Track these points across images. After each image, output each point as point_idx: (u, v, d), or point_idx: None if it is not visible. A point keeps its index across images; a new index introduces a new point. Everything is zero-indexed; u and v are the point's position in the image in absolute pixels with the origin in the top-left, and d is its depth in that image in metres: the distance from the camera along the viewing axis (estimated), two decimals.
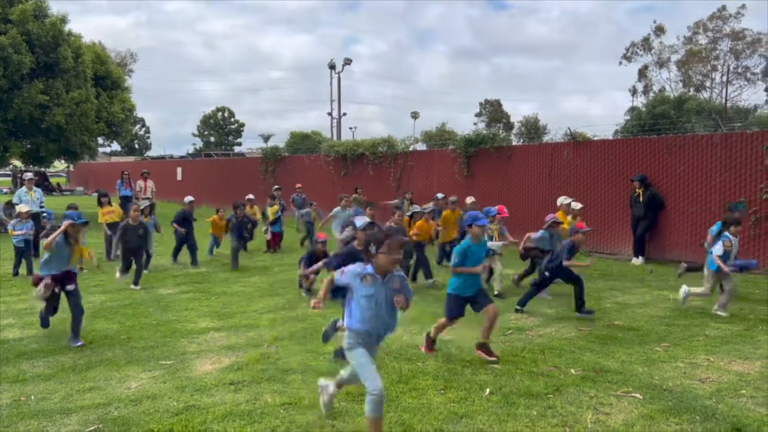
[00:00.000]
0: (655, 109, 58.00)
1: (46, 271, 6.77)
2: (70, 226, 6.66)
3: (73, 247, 6.79)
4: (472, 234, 6.38)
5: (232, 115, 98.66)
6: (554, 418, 4.80)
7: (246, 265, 12.72)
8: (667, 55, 76.90)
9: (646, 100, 67.42)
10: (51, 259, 6.74)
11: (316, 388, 5.05)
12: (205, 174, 31.07)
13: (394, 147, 19.65)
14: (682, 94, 64.72)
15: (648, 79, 78.16)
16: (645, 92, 77.41)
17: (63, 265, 6.80)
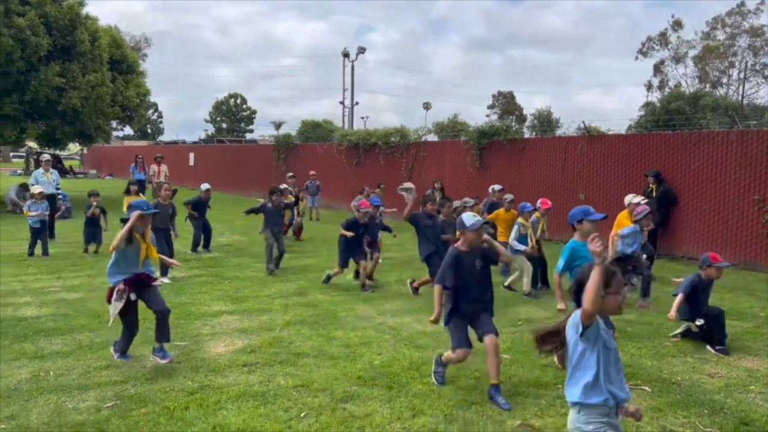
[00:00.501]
0: (669, 104, 57.46)
1: (115, 279, 5.56)
2: (138, 218, 5.44)
3: (140, 244, 5.56)
4: (581, 231, 5.42)
5: (244, 101, 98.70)
6: (563, 407, 4.84)
7: (257, 252, 12.82)
8: (684, 50, 76.07)
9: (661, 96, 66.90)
10: (118, 262, 5.54)
11: (330, 373, 5.14)
12: (217, 160, 31.21)
13: (406, 137, 19.65)
14: (698, 90, 64.00)
15: (664, 74, 77.45)
16: (660, 87, 76.71)
17: (133, 266, 5.57)
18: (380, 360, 5.92)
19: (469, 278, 5.10)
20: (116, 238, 5.32)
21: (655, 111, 59.09)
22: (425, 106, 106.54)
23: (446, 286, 5.12)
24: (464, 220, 5.12)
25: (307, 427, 4.41)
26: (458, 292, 5.10)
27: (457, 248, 5.20)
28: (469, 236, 5.12)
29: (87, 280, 9.41)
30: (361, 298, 8.66)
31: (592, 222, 5.34)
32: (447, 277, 5.11)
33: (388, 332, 6.95)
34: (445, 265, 5.16)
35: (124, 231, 5.33)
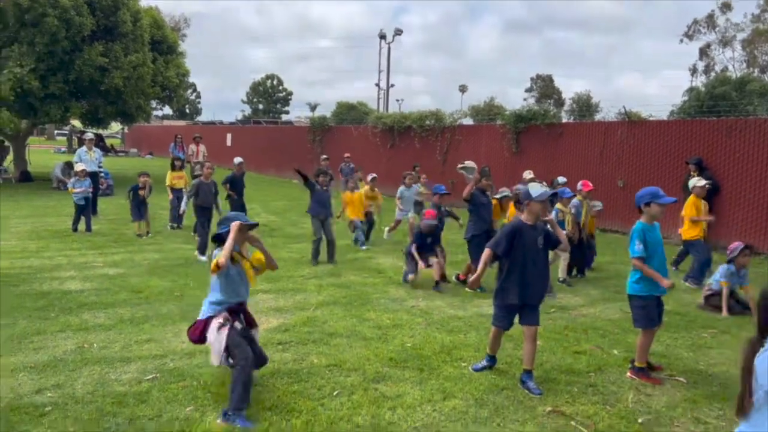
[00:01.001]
0: (715, 89, 55.73)
1: (212, 310, 4.52)
2: (239, 231, 4.39)
3: (243, 263, 4.61)
4: (648, 214, 5.16)
5: (280, 83, 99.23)
6: (595, 395, 4.84)
7: (291, 233, 12.99)
8: (732, 33, 73.56)
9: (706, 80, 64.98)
10: (222, 288, 4.48)
11: (362, 353, 5.20)
12: (253, 141, 31.55)
13: (441, 120, 19.54)
14: (746, 75, 62.00)
15: (710, 58, 75.04)
16: (706, 72, 74.42)
17: (241, 289, 4.60)
18: (412, 342, 5.97)
19: (527, 254, 4.89)
20: (220, 254, 4.26)
21: (699, 96, 57.51)
22: (461, 88, 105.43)
23: (498, 253, 4.95)
24: (530, 190, 4.90)
25: (339, 406, 4.49)
26: (511, 268, 4.93)
27: (520, 219, 5.02)
28: (535, 207, 4.89)
29: (128, 256, 9.69)
30: (394, 282, 8.72)
31: (661, 205, 5.10)
32: (502, 245, 4.90)
33: (420, 315, 6.99)
34: (503, 231, 4.97)
35: (229, 244, 4.26)
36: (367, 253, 10.90)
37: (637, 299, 5.09)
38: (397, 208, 12.15)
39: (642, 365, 5.19)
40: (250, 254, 4.78)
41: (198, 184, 9.98)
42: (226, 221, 4.57)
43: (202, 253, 9.76)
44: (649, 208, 5.10)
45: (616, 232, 14.30)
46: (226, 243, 4.31)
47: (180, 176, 12.62)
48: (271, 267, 4.85)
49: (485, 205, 8.33)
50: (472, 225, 8.32)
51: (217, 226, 4.65)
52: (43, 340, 5.68)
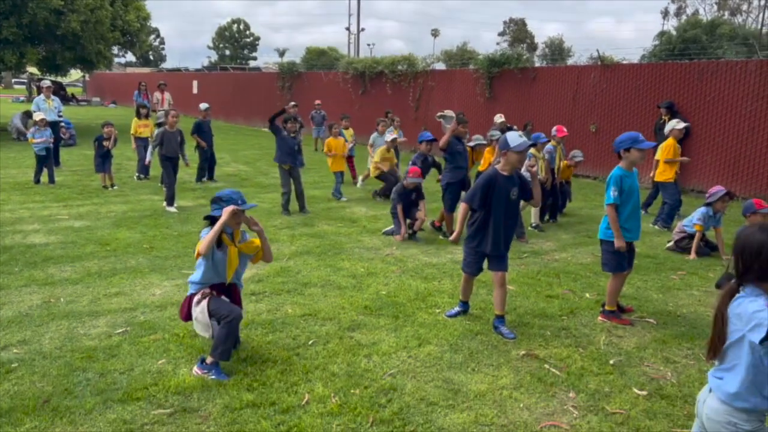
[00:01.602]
0: (686, 33, 55.80)
1: (194, 288, 4.35)
2: (232, 215, 4.09)
3: (229, 248, 4.24)
4: (628, 159, 5.04)
5: (247, 27, 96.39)
6: (567, 338, 4.90)
7: (262, 182, 12.77)
8: None
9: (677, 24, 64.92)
10: (204, 272, 4.25)
11: (336, 302, 5.16)
12: (221, 88, 30.69)
13: (414, 66, 19.18)
14: (716, 18, 62.11)
15: (681, 1, 74.99)
16: (677, 15, 74.45)
17: (220, 275, 4.31)
18: (386, 290, 5.96)
19: (499, 205, 4.82)
20: (203, 241, 4.03)
21: (670, 40, 57.44)
22: (433, 33, 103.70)
23: (473, 207, 4.88)
24: (508, 139, 4.73)
25: (314, 355, 4.47)
26: (484, 218, 4.87)
27: (496, 169, 4.90)
28: (513, 158, 4.76)
29: (94, 208, 9.42)
30: (368, 231, 8.66)
31: (641, 150, 4.97)
32: (477, 198, 4.82)
33: (394, 264, 6.97)
34: (478, 184, 4.86)
35: (213, 233, 4.00)
36: (340, 202, 10.78)
37: (608, 244, 5.11)
38: (370, 156, 11.97)
39: (612, 308, 5.26)
40: (248, 237, 4.47)
41: (162, 133, 9.60)
42: (219, 201, 4.23)
43: (170, 204, 9.54)
44: (629, 153, 5.00)
45: (587, 177, 14.40)
46: (214, 227, 4.03)
47: (146, 125, 12.22)
48: (266, 259, 4.55)
49: (461, 153, 8.24)
50: (448, 173, 8.23)
51: (211, 204, 4.35)
52: (7, 296, 5.52)
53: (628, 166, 5.07)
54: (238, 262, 4.34)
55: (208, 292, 4.28)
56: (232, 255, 4.28)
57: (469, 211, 4.96)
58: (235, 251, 4.30)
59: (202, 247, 4.04)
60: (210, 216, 4.27)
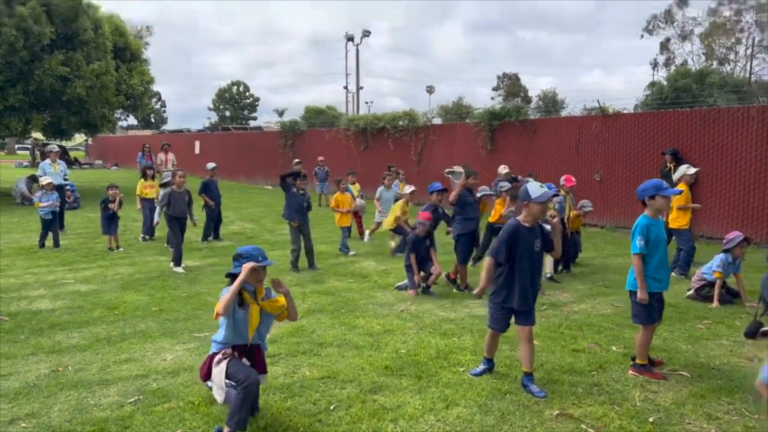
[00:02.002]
0: (676, 83, 56.88)
1: (216, 347, 4.16)
2: (251, 272, 3.99)
3: (251, 306, 4.09)
4: (653, 207, 5.00)
5: (247, 89, 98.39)
6: (601, 395, 4.68)
7: (269, 239, 12.66)
8: (690, 27, 75.54)
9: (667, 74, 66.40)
10: (225, 333, 4.11)
11: (355, 363, 4.96)
12: (223, 147, 31.01)
13: (415, 121, 19.39)
14: (705, 68, 63.51)
15: (670, 52, 76.67)
16: (667, 65, 76.09)
17: (242, 335, 4.12)
18: (406, 348, 5.75)
19: (524, 258, 4.70)
20: (222, 300, 3.89)
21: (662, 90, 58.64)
22: (429, 89, 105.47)
23: (500, 261, 4.74)
24: (529, 190, 4.65)
25: (337, 421, 4.24)
26: (510, 272, 4.73)
27: (518, 221, 4.79)
28: (535, 209, 4.66)
29: (100, 272, 9.27)
30: (380, 286, 8.49)
31: (666, 198, 4.91)
32: (502, 251, 4.69)
33: (410, 320, 6.78)
34: (502, 237, 4.74)
35: (232, 292, 3.87)
36: (348, 257, 10.65)
37: (637, 295, 4.95)
38: (377, 210, 11.92)
39: (643, 362, 5.06)
40: (273, 295, 4.28)
41: (170, 193, 9.54)
42: (239, 258, 4.09)
43: (177, 265, 9.39)
44: (654, 201, 4.92)
45: (594, 226, 14.31)
46: (232, 286, 3.89)
47: (152, 185, 12.19)
48: (292, 318, 4.38)
49: (472, 205, 8.16)
50: (459, 224, 8.13)
51: (233, 261, 4.21)
52: (14, 365, 5.31)
53: (653, 214, 4.96)
54: (259, 321, 4.18)
55: (230, 353, 4.10)
56: (254, 314, 4.12)
57: (494, 267, 4.80)
58: (256, 310, 4.13)
59: (221, 306, 3.89)
60: (231, 273, 4.13)
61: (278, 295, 4.32)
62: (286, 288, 4.25)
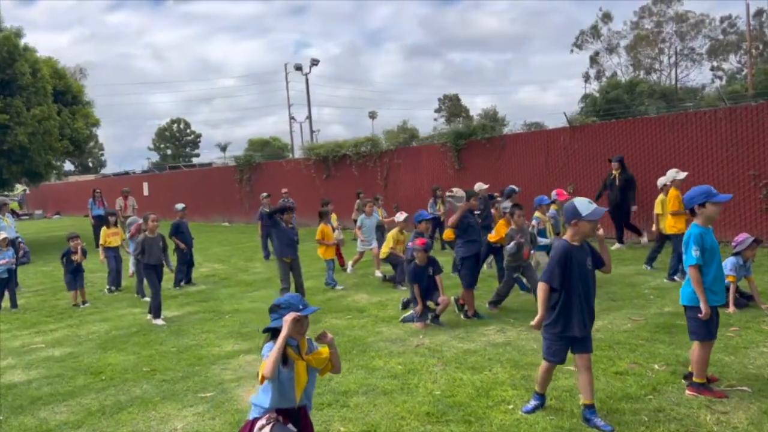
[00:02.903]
0: (608, 94, 59.01)
1: (257, 411, 3.61)
2: (294, 323, 3.46)
3: (296, 363, 3.56)
4: (704, 215, 4.71)
5: (188, 126, 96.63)
6: (670, 422, 4.33)
7: (245, 280, 12.00)
8: (616, 40, 79.05)
9: (599, 86, 68.88)
10: (272, 396, 3.53)
11: (391, 411, 4.47)
12: (174, 187, 29.90)
13: (378, 146, 19.09)
14: (633, 78, 66.23)
15: (600, 65, 79.85)
16: (598, 78, 79.02)
17: (288, 398, 3.57)
18: (440, 389, 5.29)
19: (579, 280, 4.35)
20: (266, 361, 3.36)
21: (595, 101, 60.67)
22: (371, 115, 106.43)
23: (555, 287, 4.36)
24: (578, 207, 4.31)
25: None
26: (568, 298, 4.36)
27: (567, 241, 4.43)
28: (585, 228, 4.33)
29: (71, 332, 8.44)
30: (382, 320, 8.01)
31: (717, 204, 4.64)
32: (556, 276, 4.32)
33: (430, 355, 6.32)
34: (553, 260, 4.36)
35: (277, 350, 3.35)
36: (337, 291, 10.13)
37: (695, 310, 4.66)
38: (359, 240, 11.46)
39: (702, 380, 4.76)
40: (316, 346, 3.75)
41: (144, 240, 8.79)
42: (277, 310, 3.58)
43: (156, 316, 8.65)
44: (704, 208, 4.65)
45: None
46: (276, 343, 3.36)
47: (115, 233, 11.35)
48: (335, 371, 3.85)
49: (473, 226, 7.82)
50: (461, 248, 7.77)
51: (269, 314, 3.67)
52: None
53: (704, 223, 4.70)
54: (307, 379, 3.66)
55: (274, 417, 3.55)
56: (300, 370, 3.58)
57: (550, 294, 4.41)
58: (303, 365, 3.60)
59: (267, 369, 3.35)
60: (270, 328, 3.61)
61: (321, 347, 3.82)
62: (330, 337, 3.75)
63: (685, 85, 72.47)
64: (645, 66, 78.31)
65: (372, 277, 11.18)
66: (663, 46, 77.46)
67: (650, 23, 77.44)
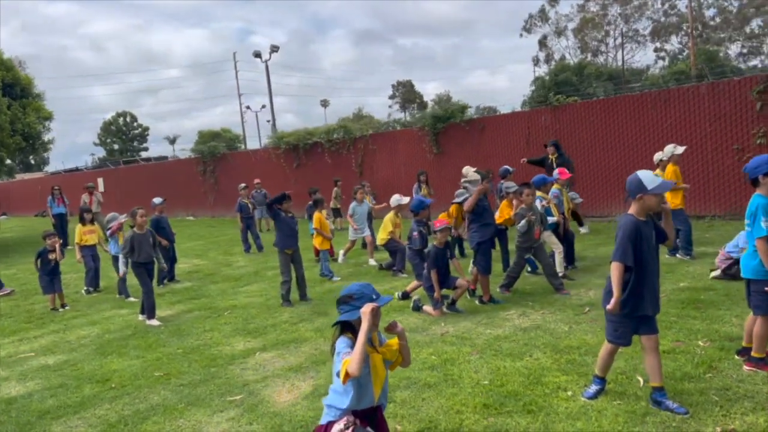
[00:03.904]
0: (557, 76, 60.00)
1: (333, 414, 3.29)
2: (374, 315, 3.16)
3: (372, 357, 3.24)
4: None
5: (134, 119, 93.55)
6: (744, 401, 4.19)
7: (232, 274, 11.51)
8: (563, 24, 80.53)
9: (549, 69, 69.96)
10: (352, 395, 3.23)
11: (444, 405, 4.20)
12: (131, 182, 28.75)
13: (351, 132, 18.68)
14: (581, 60, 67.48)
15: (548, 48, 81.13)
16: (547, 61, 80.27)
17: (369, 397, 3.29)
18: (487, 379, 5.04)
19: (649, 256, 4.14)
20: (351, 359, 3.01)
21: (545, 84, 61.66)
22: (323, 103, 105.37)
23: (629, 264, 4.10)
24: (644, 181, 4.10)
25: None
26: (639, 274, 4.14)
27: (634, 216, 4.19)
28: (651, 201, 4.13)
29: (58, 338, 7.85)
30: (393, 308, 7.73)
31: None
32: (629, 253, 4.08)
33: (459, 343, 6.07)
34: (624, 237, 4.11)
35: (361, 346, 3.02)
36: (335, 282, 9.79)
37: (761, 283, 4.54)
38: (351, 228, 11.11)
39: (762, 355, 4.66)
40: (384, 338, 3.46)
41: (132, 237, 8.21)
42: (350, 301, 3.27)
43: (150, 317, 8.14)
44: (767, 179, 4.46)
45: None
46: (359, 338, 3.05)
47: (91, 230, 10.66)
48: (405, 364, 3.54)
49: (487, 210, 7.60)
50: (476, 232, 7.53)
51: (338, 306, 3.34)
52: None
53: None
54: (386, 373, 3.36)
55: (352, 421, 3.25)
56: (378, 364, 3.29)
57: (624, 273, 4.18)
58: (379, 358, 3.31)
59: (355, 367, 3.01)
60: (342, 321, 3.29)
61: (389, 338, 3.53)
62: (401, 327, 3.46)
63: (631, 66, 74.39)
64: (592, 48, 79.87)
65: (367, 266, 10.87)
66: (608, 28, 79.24)
67: (596, 6, 79.13)
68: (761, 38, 75.02)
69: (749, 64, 73.68)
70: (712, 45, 69.92)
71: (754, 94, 11.40)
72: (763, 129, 11.38)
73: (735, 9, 73.75)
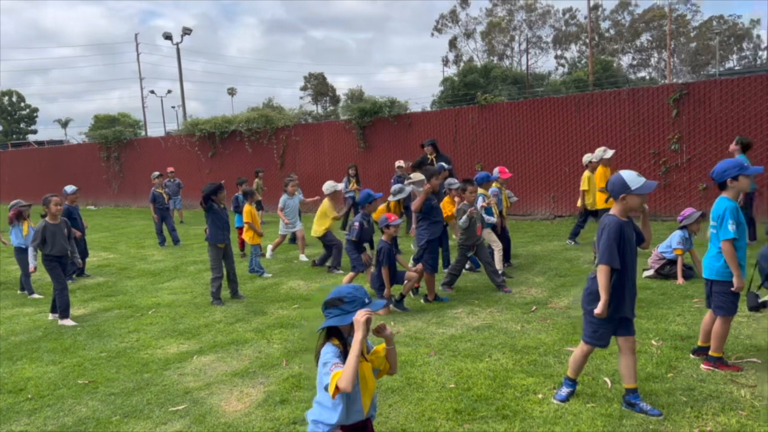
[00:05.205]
0: (465, 77, 61.62)
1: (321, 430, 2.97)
2: (367, 321, 2.84)
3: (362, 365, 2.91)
4: (736, 189, 4.56)
5: (21, 99, 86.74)
6: (710, 400, 4.25)
7: (148, 269, 10.72)
8: (472, 26, 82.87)
9: (457, 70, 71.68)
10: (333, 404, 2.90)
11: (414, 411, 3.98)
12: (23, 168, 26.40)
13: (272, 122, 18.02)
14: (488, 63, 69.69)
15: (458, 49, 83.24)
16: (456, 62, 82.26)
17: (359, 410, 2.97)
18: (452, 382, 4.86)
19: (629, 257, 4.08)
20: (343, 372, 2.71)
21: (454, 85, 63.02)
22: (230, 92, 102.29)
23: (616, 266, 4.01)
24: (627, 180, 4.01)
25: None
26: (621, 276, 4.07)
27: (617, 217, 4.11)
28: (634, 202, 4.04)
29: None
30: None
31: (749, 177, 4.50)
32: (615, 255, 4.00)
33: (413, 344, 5.86)
34: (609, 238, 4.02)
35: (354, 358, 2.71)
36: (267, 279, 9.32)
37: (724, 285, 4.61)
38: (282, 222, 10.62)
39: (719, 354, 4.77)
40: (371, 345, 3.16)
41: (44, 228, 7.33)
42: (340, 304, 2.94)
43: (65, 316, 7.35)
44: (737, 182, 4.50)
45: None
46: (353, 349, 2.73)
47: None
48: (392, 371, 3.23)
49: (436, 207, 7.43)
50: (425, 230, 7.34)
51: (325, 310, 3.00)
52: None
53: (735, 196, 4.59)
54: (375, 383, 3.07)
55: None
56: (367, 374, 3.00)
57: (611, 274, 4.08)
58: (368, 367, 3.02)
59: (347, 381, 2.70)
60: (330, 327, 2.98)
61: (378, 346, 3.24)
62: (390, 330, 3.17)
63: (534, 71, 77.63)
64: (498, 52, 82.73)
65: (297, 262, 10.44)
66: (514, 33, 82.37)
67: (503, 11, 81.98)
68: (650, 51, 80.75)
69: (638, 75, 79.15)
70: (608, 55, 74.37)
71: (671, 101, 11.99)
72: (678, 135, 12.00)
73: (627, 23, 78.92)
